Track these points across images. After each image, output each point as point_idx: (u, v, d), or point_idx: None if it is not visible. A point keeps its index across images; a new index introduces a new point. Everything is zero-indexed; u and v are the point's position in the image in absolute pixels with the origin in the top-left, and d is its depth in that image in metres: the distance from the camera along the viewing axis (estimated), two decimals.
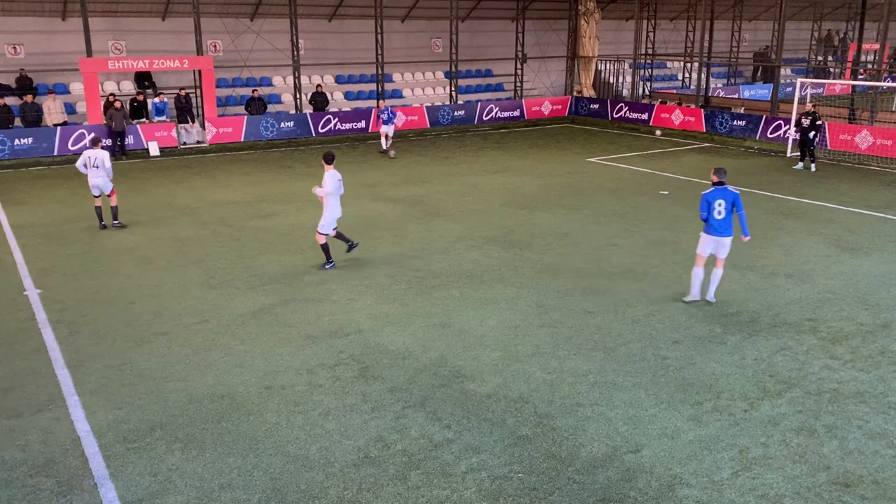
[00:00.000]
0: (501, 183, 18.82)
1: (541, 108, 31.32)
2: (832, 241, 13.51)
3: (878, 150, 21.57)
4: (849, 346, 9.10)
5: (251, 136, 25.21)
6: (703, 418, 7.44)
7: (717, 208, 10.06)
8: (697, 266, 10.39)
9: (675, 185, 18.51)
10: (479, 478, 6.49)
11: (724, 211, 10.06)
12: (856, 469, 6.58)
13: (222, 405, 7.74)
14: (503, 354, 8.90)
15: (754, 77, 41.14)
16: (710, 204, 10.08)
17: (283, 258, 12.65)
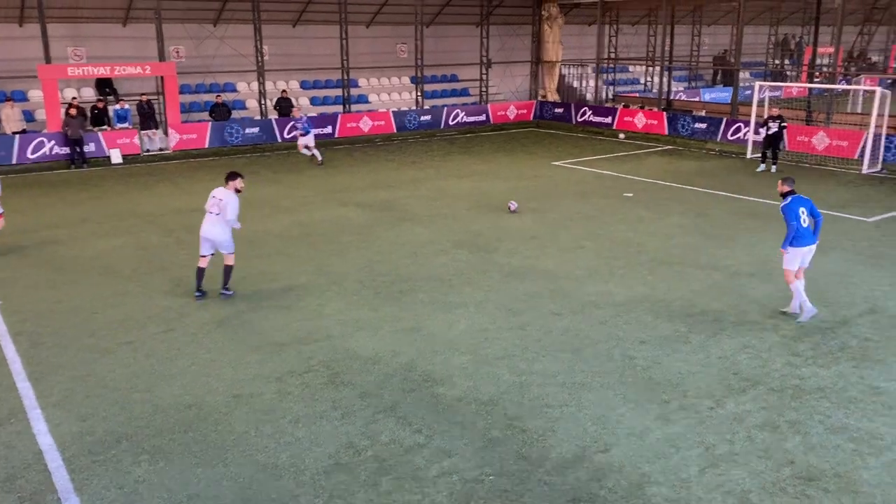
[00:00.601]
0: (469, 187, 18.89)
1: (506, 113, 31.52)
2: None
3: (834, 151, 22.11)
4: (810, 343, 9.31)
5: (216, 143, 24.94)
6: (671, 417, 7.55)
7: (801, 216, 9.71)
8: (793, 281, 9.87)
9: (638, 187, 18.76)
10: (451, 481, 6.50)
11: (807, 218, 9.76)
12: (818, 463, 6.74)
13: (189, 415, 7.64)
14: (473, 358, 8.93)
15: (714, 80, 41.90)
16: (796, 213, 9.68)
17: (250, 264, 12.53)
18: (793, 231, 9.64)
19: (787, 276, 9.89)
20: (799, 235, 9.68)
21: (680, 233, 14.39)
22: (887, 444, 7.01)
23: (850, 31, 36.25)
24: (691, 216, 15.69)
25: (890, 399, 7.88)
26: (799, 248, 9.73)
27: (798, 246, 9.72)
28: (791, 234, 9.67)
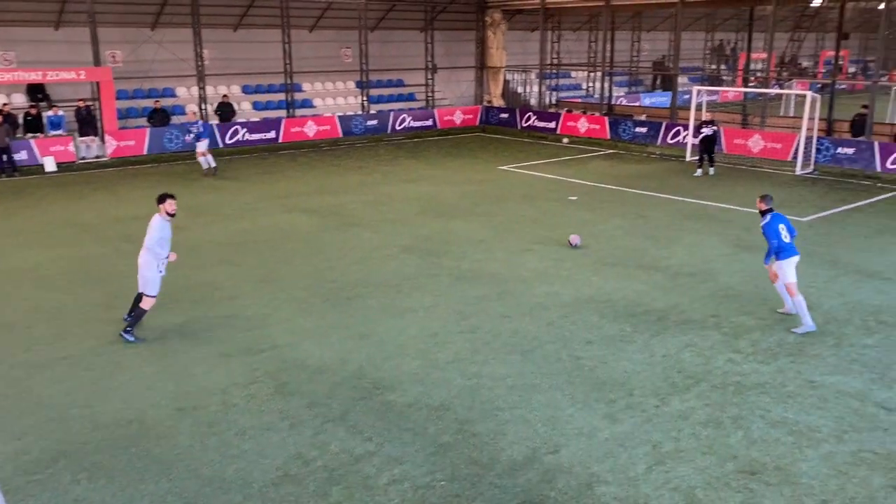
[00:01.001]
0: (416, 192, 18.87)
1: (453, 118, 31.63)
2: (731, 241, 14.21)
3: (769, 153, 22.85)
4: (750, 340, 9.58)
5: (155, 149, 24.33)
6: (618, 416, 7.66)
7: (781, 232, 9.89)
8: (797, 295, 9.91)
9: (582, 190, 19.05)
10: (402, 489, 6.46)
11: (787, 233, 9.93)
12: (760, 457, 6.92)
13: (131, 430, 7.42)
14: (423, 363, 8.91)
15: (654, 85, 42.89)
16: (776, 231, 9.85)
17: (192, 274, 12.25)
18: (773, 248, 9.80)
19: (791, 289, 9.91)
20: (784, 249, 9.83)
21: (623, 234, 14.66)
22: (824, 437, 7.25)
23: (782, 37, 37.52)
24: (633, 218, 15.99)
25: (826, 392, 8.16)
26: (790, 260, 9.87)
27: (788, 258, 9.86)
28: (772, 251, 9.85)
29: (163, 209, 9.35)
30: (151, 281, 9.35)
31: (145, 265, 9.33)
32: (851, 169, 21.26)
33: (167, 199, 9.39)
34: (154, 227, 9.23)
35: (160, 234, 9.21)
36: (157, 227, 9.23)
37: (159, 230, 9.23)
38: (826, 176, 20.98)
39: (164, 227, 9.27)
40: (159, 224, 9.27)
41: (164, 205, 9.35)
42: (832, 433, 7.32)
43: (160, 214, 9.33)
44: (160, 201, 9.40)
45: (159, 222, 9.29)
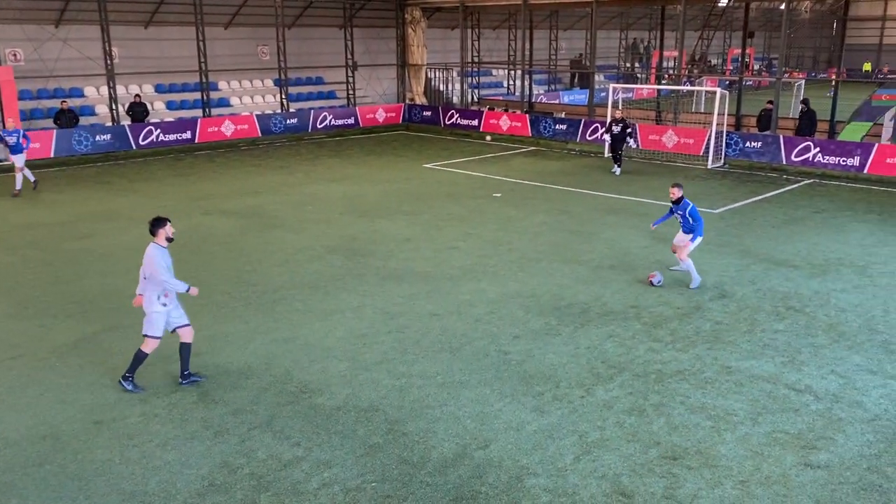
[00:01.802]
0: (340, 191, 18.68)
1: (375, 116, 31.45)
2: (648, 233, 14.65)
3: (682, 148, 23.69)
4: (668, 329, 9.90)
5: (62, 152, 23.23)
6: (545, 408, 7.78)
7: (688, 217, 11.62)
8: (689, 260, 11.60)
9: (506, 187, 19.27)
10: (332, 492, 6.38)
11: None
12: (681, 442, 7.16)
13: (44, 446, 7.06)
14: (351, 364, 8.82)
15: (572, 83, 43.80)
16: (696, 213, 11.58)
17: (106, 281, 11.76)
18: (702, 225, 11.47)
19: (683, 254, 11.55)
20: (701, 229, 11.49)
21: (546, 230, 14.91)
22: (740, 419, 7.56)
23: (692, 35, 38.97)
24: (556, 214, 16.29)
25: (741, 377, 8.51)
26: (699, 240, 11.57)
27: (699, 238, 11.53)
28: (701, 228, 11.44)
29: (161, 235, 8.03)
30: (152, 320, 8.05)
31: (147, 301, 8.05)
32: (759, 162, 22.27)
33: (165, 224, 8.07)
34: (155, 259, 7.88)
35: (165, 262, 7.92)
36: (159, 257, 7.90)
37: (162, 259, 7.92)
38: (736, 169, 21.91)
39: (164, 254, 7.97)
40: (160, 253, 7.96)
41: (164, 230, 8.04)
42: (748, 416, 7.64)
43: (157, 242, 8.02)
44: (157, 226, 8.05)
45: (159, 251, 7.97)
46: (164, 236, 8.05)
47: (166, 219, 8.10)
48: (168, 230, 8.07)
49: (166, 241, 8.07)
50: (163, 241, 8.04)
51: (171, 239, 8.10)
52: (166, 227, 8.06)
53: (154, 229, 8.05)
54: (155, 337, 8.09)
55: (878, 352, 9.19)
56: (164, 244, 8.05)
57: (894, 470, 6.71)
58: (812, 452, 6.98)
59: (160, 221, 8.08)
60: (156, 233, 8.04)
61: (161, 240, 8.03)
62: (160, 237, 8.04)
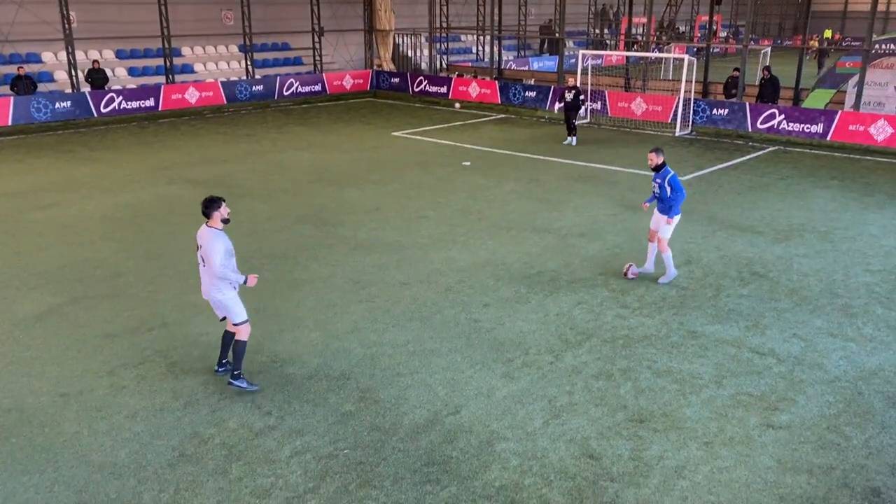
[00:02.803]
0: (308, 160, 18.47)
1: (342, 83, 31.01)
2: (617, 201, 14.76)
3: (650, 116, 23.81)
4: (636, 296, 10.04)
5: (20, 119, 22.58)
6: (515, 374, 7.88)
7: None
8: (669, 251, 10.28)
9: (475, 155, 19.22)
10: (304, 460, 6.41)
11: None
12: (648, 405, 7.31)
13: (10, 419, 6.97)
14: (322, 334, 8.81)
15: (541, 49, 43.59)
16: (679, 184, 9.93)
17: (70, 252, 11.54)
18: (684, 196, 9.91)
19: (664, 244, 10.18)
20: (679, 207, 9.99)
21: (515, 199, 14.94)
22: (705, 383, 7.73)
23: (660, 2, 38.92)
24: (525, 182, 16.32)
25: (706, 342, 8.69)
26: (678, 217, 10.10)
27: (678, 214, 10.07)
28: (682, 199, 9.92)
29: (216, 217, 7.13)
30: (231, 305, 7.26)
31: (214, 290, 7.19)
32: (726, 129, 22.49)
33: (221, 204, 7.14)
34: (215, 245, 6.97)
35: (225, 247, 7.05)
36: (218, 243, 6.99)
37: (224, 244, 7.04)
38: (703, 136, 22.10)
39: (224, 238, 7.09)
40: (219, 237, 7.05)
41: (219, 211, 7.13)
42: (712, 379, 7.82)
43: (211, 225, 7.15)
44: (211, 207, 7.11)
45: (218, 236, 7.06)
46: (219, 218, 7.13)
47: (221, 198, 7.18)
48: (223, 211, 7.14)
49: (222, 223, 7.16)
50: (218, 223, 7.13)
51: (226, 220, 7.18)
52: (221, 208, 7.12)
53: (208, 210, 7.10)
54: (244, 321, 7.30)
55: (838, 315, 9.43)
56: (220, 227, 7.14)
57: (852, 429, 6.93)
58: (774, 413, 7.17)
59: (215, 201, 7.10)
60: (210, 214, 7.10)
61: (216, 222, 7.13)
62: (215, 219, 7.13)
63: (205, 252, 7.05)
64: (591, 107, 24.66)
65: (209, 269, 7.08)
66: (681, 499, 5.96)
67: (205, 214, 7.16)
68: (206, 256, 7.03)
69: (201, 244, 7.12)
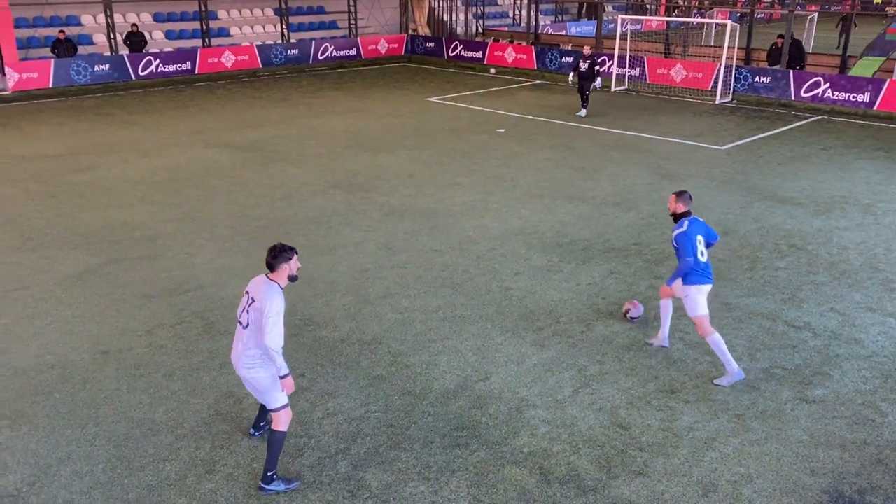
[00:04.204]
0: (343, 125, 18.48)
1: (377, 47, 30.82)
2: (653, 170, 14.54)
3: (690, 83, 23.27)
4: (670, 266, 9.90)
5: (61, 82, 22.92)
6: (545, 343, 7.88)
7: (698, 247, 7.01)
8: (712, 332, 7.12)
9: (510, 122, 19.04)
10: (336, 421, 6.52)
11: (705, 250, 7.13)
12: (679, 377, 7.27)
13: (53, 375, 7.20)
14: (354, 298, 8.90)
15: (580, 14, 42.71)
16: (693, 244, 6.96)
17: (109, 213, 11.77)
18: (687, 266, 6.94)
19: (702, 324, 7.13)
20: (699, 271, 7.03)
21: (550, 166, 14.80)
22: (738, 355, 7.64)
23: None
24: (560, 150, 16.14)
25: (740, 314, 8.58)
26: (702, 287, 7.06)
27: (702, 283, 7.06)
28: (684, 269, 6.97)
29: (283, 271, 5.47)
30: (267, 386, 5.55)
31: (250, 363, 5.50)
32: (768, 97, 21.91)
33: (292, 255, 5.49)
34: (274, 303, 5.30)
35: (281, 309, 5.35)
36: (279, 301, 5.34)
37: (283, 304, 5.37)
38: (744, 105, 21.57)
39: (284, 299, 5.41)
40: (280, 295, 5.39)
41: (288, 264, 5.47)
42: (746, 351, 7.74)
43: (273, 279, 5.47)
44: (280, 259, 5.43)
45: (279, 293, 5.39)
46: (286, 273, 5.49)
47: (293, 249, 5.53)
48: (294, 265, 5.51)
49: (288, 279, 5.54)
50: (284, 279, 5.49)
51: (294, 278, 5.56)
52: (292, 261, 5.49)
53: (276, 262, 5.43)
54: (284, 405, 5.62)
55: (878, 290, 9.23)
56: (284, 284, 5.50)
57: (888, 405, 6.82)
58: (808, 388, 7.09)
59: (286, 251, 5.46)
60: (277, 267, 5.45)
61: (282, 277, 5.48)
62: (281, 273, 5.47)
63: (258, 309, 5.33)
64: (630, 73, 24.19)
65: (253, 334, 5.41)
66: (710, 470, 5.95)
67: (270, 266, 5.46)
68: (260, 316, 5.31)
69: (255, 298, 5.38)
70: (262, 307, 5.29)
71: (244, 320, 5.50)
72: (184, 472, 5.88)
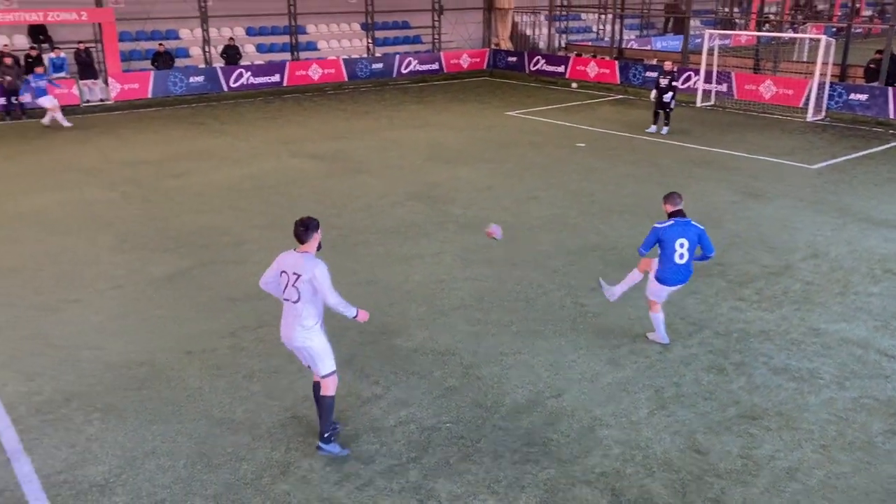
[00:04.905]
0: (423, 137, 18.71)
1: (459, 61, 31.11)
2: (738, 188, 14.10)
3: (780, 99, 22.49)
4: (754, 288, 9.59)
5: (159, 92, 24.12)
6: (621, 361, 7.74)
7: (678, 250, 7.53)
8: (655, 312, 7.97)
9: (591, 137, 18.85)
10: (409, 430, 6.58)
11: (686, 253, 7.58)
12: (761, 402, 7.01)
13: (141, 372, 7.55)
14: (429, 309, 8.98)
15: (665, 28, 41.96)
16: (666, 243, 7.52)
17: (199, 218, 12.28)
18: (640, 251, 7.72)
19: (653, 306, 7.96)
20: (668, 270, 7.60)
21: (631, 182, 14.56)
22: (826, 383, 7.32)
23: None
24: (642, 165, 15.86)
25: (829, 340, 8.21)
26: (666, 287, 7.74)
27: (668, 284, 7.69)
28: (641, 250, 7.70)
29: (315, 241, 6.02)
30: (322, 353, 6.11)
31: (302, 334, 6.02)
32: (864, 116, 20.93)
33: (318, 225, 6.04)
34: (323, 272, 5.90)
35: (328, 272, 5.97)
36: (325, 269, 5.93)
37: (326, 269, 5.96)
38: (837, 123, 20.68)
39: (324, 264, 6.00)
40: (322, 262, 5.97)
41: (318, 233, 6.02)
42: (834, 380, 7.39)
43: (305, 251, 5.99)
44: (311, 229, 5.96)
45: (320, 261, 5.97)
46: (317, 242, 6.04)
47: (314, 219, 6.04)
48: (319, 234, 6.04)
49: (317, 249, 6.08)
50: (314, 248, 6.02)
51: (320, 246, 6.10)
52: (318, 231, 6.01)
53: (308, 233, 5.92)
54: (333, 371, 6.16)
55: None
56: (314, 253, 6.05)
57: None
58: None
59: (314, 221, 5.99)
60: (308, 238, 5.94)
61: (313, 247, 6.01)
62: (312, 243, 5.99)
63: (306, 280, 5.84)
64: (717, 89, 23.58)
65: (306, 305, 5.91)
66: (792, 502, 5.70)
67: (301, 238, 5.91)
68: (310, 286, 5.87)
69: (299, 272, 5.84)
70: (313, 277, 5.85)
71: (293, 296, 5.96)
72: (259, 471, 6.06)
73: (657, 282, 7.82)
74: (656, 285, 7.85)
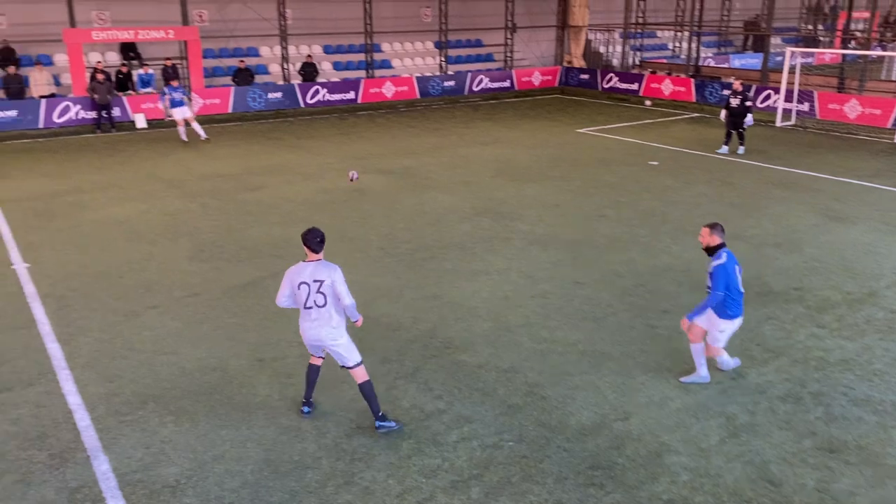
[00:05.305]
0: (492, 154, 18.76)
1: (531, 79, 31.12)
2: (820, 211, 13.58)
3: (866, 120, 21.60)
4: (835, 315, 9.20)
5: (239, 108, 24.97)
6: (691, 387, 7.52)
7: (739, 277, 7.28)
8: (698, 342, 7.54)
9: (664, 155, 18.50)
10: (471, 446, 6.56)
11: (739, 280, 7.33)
12: (840, 435, 6.69)
13: (214, 377, 7.77)
14: (494, 325, 8.95)
15: (744, 46, 40.92)
16: (732, 276, 7.19)
17: (273, 231, 12.61)
18: (716, 300, 7.11)
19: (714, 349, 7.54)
20: (739, 302, 7.29)
21: (705, 202, 14.21)
22: None
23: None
24: (717, 185, 15.47)
25: None
26: (737, 320, 7.36)
27: (737, 316, 7.34)
28: (713, 301, 7.13)
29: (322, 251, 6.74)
30: (350, 347, 6.76)
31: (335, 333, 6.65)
32: None
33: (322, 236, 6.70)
34: (341, 276, 6.59)
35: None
36: (341, 272, 6.62)
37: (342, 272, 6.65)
38: None
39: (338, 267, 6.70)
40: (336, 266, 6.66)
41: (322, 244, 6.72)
42: None
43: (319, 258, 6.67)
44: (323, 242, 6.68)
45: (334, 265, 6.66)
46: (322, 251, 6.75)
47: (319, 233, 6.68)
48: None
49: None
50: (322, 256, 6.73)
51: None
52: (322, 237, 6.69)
53: (322, 244, 6.62)
54: (361, 360, 6.81)
55: None
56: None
57: None
58: None
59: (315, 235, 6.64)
60: (322, 248, 6.66)
61: (322, 255, 6.72)
62: (322, 253, 6.73)
63: (329, 285, 6.46)
64: (798, 108, 22.83)
65: (332, 306, 6.53)
66: None
67: (316, 249, 6.54)
68: (335, 292, 6.49)
69: (321, 279, 6.46)
70: (333, 280, 6.52)
71: (320, 301, 6.56)
72: (324, 481, 6.14)
73: (728, 320, 7.27)
74: (727, 324, 7.30)
